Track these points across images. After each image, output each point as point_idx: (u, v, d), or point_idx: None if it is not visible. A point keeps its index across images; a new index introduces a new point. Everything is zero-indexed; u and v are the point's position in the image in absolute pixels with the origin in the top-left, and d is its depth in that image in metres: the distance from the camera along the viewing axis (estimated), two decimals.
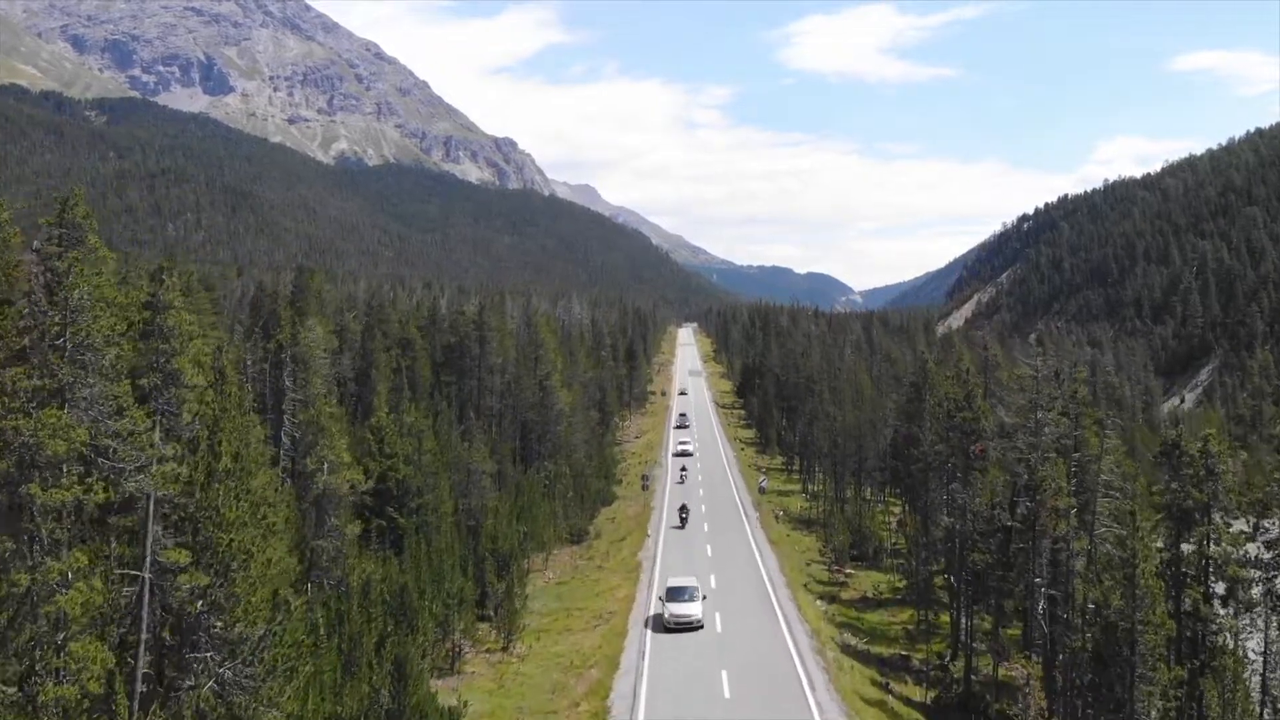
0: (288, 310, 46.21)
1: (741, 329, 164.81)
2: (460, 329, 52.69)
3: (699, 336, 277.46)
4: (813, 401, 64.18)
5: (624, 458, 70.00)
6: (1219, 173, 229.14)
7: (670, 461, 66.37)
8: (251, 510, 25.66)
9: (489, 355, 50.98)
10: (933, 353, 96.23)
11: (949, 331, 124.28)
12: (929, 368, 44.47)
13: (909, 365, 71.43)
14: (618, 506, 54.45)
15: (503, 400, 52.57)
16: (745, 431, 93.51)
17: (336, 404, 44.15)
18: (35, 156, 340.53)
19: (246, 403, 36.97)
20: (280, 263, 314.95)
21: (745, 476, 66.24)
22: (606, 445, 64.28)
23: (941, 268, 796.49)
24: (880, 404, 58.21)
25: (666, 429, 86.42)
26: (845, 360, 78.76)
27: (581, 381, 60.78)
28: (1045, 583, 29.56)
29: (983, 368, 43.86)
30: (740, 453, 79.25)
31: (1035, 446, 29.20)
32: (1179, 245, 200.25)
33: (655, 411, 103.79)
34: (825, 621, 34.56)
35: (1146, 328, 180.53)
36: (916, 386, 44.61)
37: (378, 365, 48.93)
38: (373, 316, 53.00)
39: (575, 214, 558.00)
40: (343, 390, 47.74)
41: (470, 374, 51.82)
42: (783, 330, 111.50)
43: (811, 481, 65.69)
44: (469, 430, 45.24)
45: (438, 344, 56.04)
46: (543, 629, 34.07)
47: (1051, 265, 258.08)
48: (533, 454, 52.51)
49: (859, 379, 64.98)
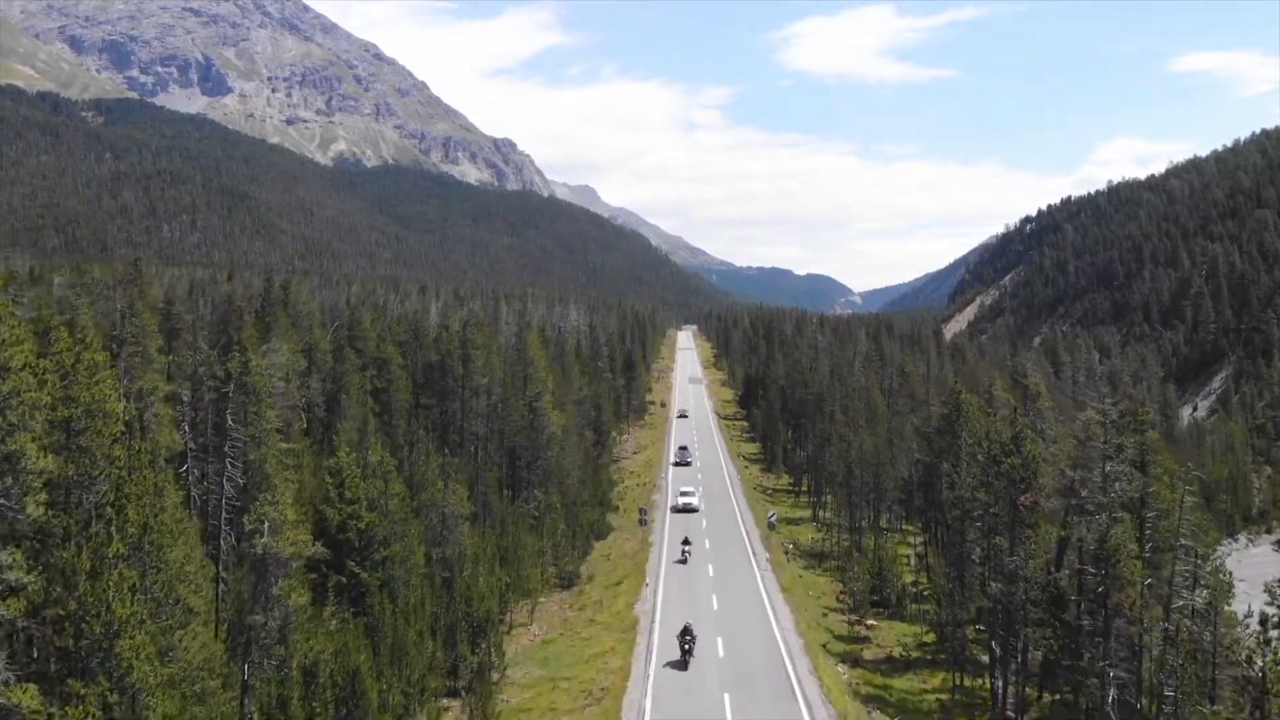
0: (252, 328, 41.53)
1: (743, 335, 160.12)
2: (443, 346, 47.74)
3: (699, 340, 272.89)
4: (823, 421, 59.44)
5: (621, 477, 65.62)
6: (1225, 174, 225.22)
7: (669, 510, 56.55)
8: (162, 594, 21.15)
9: (473, 375, 45.98)
10: (944, 362, 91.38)
11: (960, 340, 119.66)
12: (962, 398, 39.71)
13: (924, 381, 66.47)
14: (614, 540, 49.75)
15: (488, 424, 47.69)
16: (748, 446, 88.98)
17: (302, 433, 39.57)
18: (31, 158, 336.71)
19: (186, 443, 32.66)
20: (275, 264, 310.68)
21: (751, 502, 61.42)
22: (602, 468, 59.62)
23: (942, 268, 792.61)
24: (898, 427, 53.32)
25: (666, 447, 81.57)
26: (855, 373, 73.80)
27: (575, 399, 56.04)
28: (1117, 666, 25.00)
29: (1023, 398, 39.27)
30: (744, 470, 74.55)
31: (1104, 507, 24.65)
32: (1187, 248, 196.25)
33: (654, 424, 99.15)
34: (851, 698, 29.93)
35: (1155, 333, 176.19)
36: (948, 418, 39.83)
37: (349, 389, 44.06)
38: (344, 333, 47.89)
39: (574, 215, 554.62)
40: (310, 416, 43.06)
41: (453, 396, 47.09)
42: (787, 339, 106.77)
43: (822, 506, 60.88)
44: (449, 460, 40.68)
45: (419, 362, 51.42)
46: (523, 708, 29.46)
47: (1056, 268, 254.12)
48: (521, 482, 47.80)
49: (872, 396, 60.10)
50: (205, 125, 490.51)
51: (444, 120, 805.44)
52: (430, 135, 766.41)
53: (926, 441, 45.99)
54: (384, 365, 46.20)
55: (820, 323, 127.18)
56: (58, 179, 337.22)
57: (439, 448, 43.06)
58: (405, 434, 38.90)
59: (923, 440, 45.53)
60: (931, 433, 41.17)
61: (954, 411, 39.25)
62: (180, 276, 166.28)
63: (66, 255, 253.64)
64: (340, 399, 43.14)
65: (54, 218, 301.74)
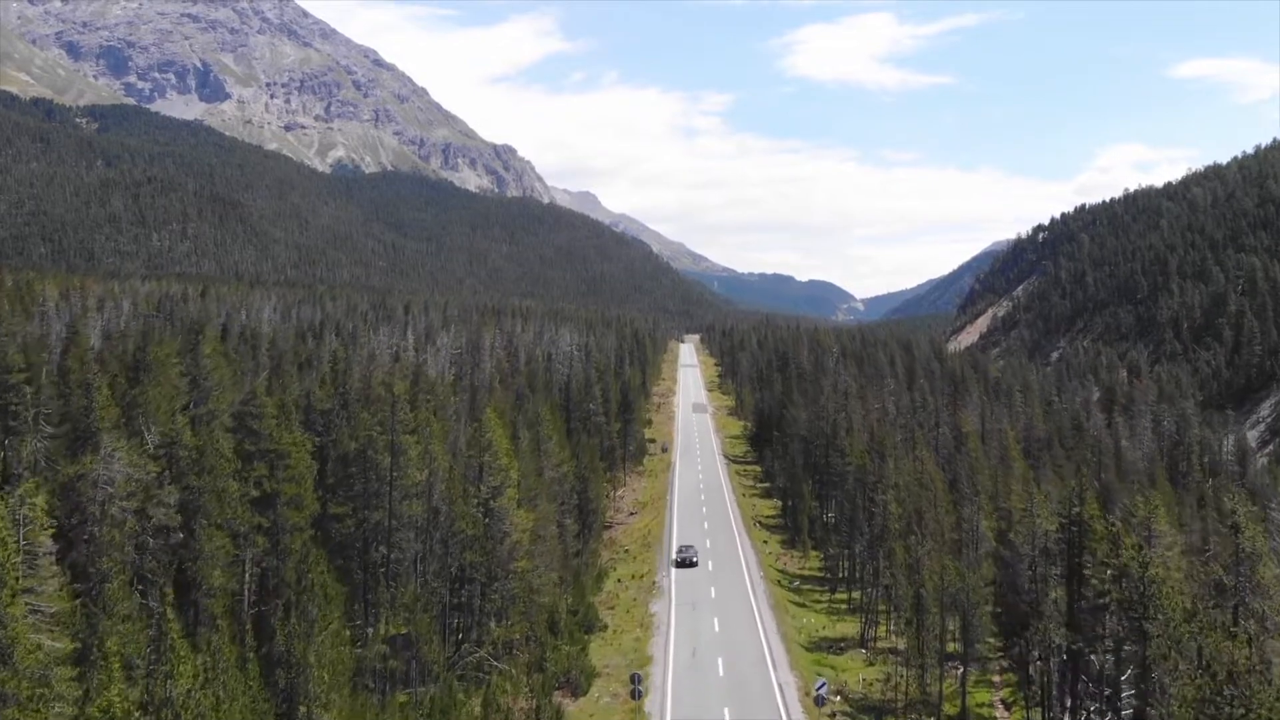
0: (109, 404, 30.20)
1: (751, 357, 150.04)
2: (362, 432, 34.79)
3: (701, 355, 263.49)
4: (863, 498, 47.26)
5: (613, 562, 54.21)
6: (1251, 182, 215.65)
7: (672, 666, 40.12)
8: None
9: (405, 471, 34.23)
10: (990, 401, 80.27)
11: (1006, 378, 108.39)
12: (1091, 525, 28.20)
13: (984, 460, 53.17)
14: (597, 698, 35.26)
15: (427, 537, 35.59)
16: (764, 504, 76.69)
17: (127, 587, 25.25)
18: (20, 165, 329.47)
19: None
20: (266, 274, 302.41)
21: (777, 610, 46.88)
22: (587, 578, 45.99)
23: (946, 274, 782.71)
24: (969, 528, 41.28)
25: (667, 515, 68.20)
26: (894, 434, 60.22)
27: (555, 475, 44.75)
28: None
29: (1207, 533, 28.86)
30: (762, 548, 61.19)
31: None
32: (1218, 260, 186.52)
33: (654, 470, 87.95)
34: None
35: (1188, 351, 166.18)
36: (1070, 544, 28.62)
37: (207, 510, 28.31)
38: (236, 408, 33.18)
39: (574, 222, 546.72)
40: (162, 544, 27.73)
41: (377, 501, 33.93)
42: (805, 373, 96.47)
43: (871, 621, 45.26)
44: (369, 602, 29.62)
45: (333, 453, 37.19)
46: None
47: (1073, 279, 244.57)
48: (472, 615, 35.29)
49: (927, 472, 47.49)
50: (200, 131, 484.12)
51: (444, 126, 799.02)
52: (430, 141, 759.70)
53: (1032, 577, 32.00)
54: (278, 460, 31.01)
55: (841, 357, 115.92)
56: (45, 186, 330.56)
57: (361, 569, 31.87)
58: (297, 565, 27.56)
59: (1023, 567, 32.46)
60: (1031, 553, 30.50)
61: (1074, 539, 28.46)
62: (154, 291, 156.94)
63: (53, 264, 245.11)
64: (198, 524, 27.97)
65: (41, 226, 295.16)
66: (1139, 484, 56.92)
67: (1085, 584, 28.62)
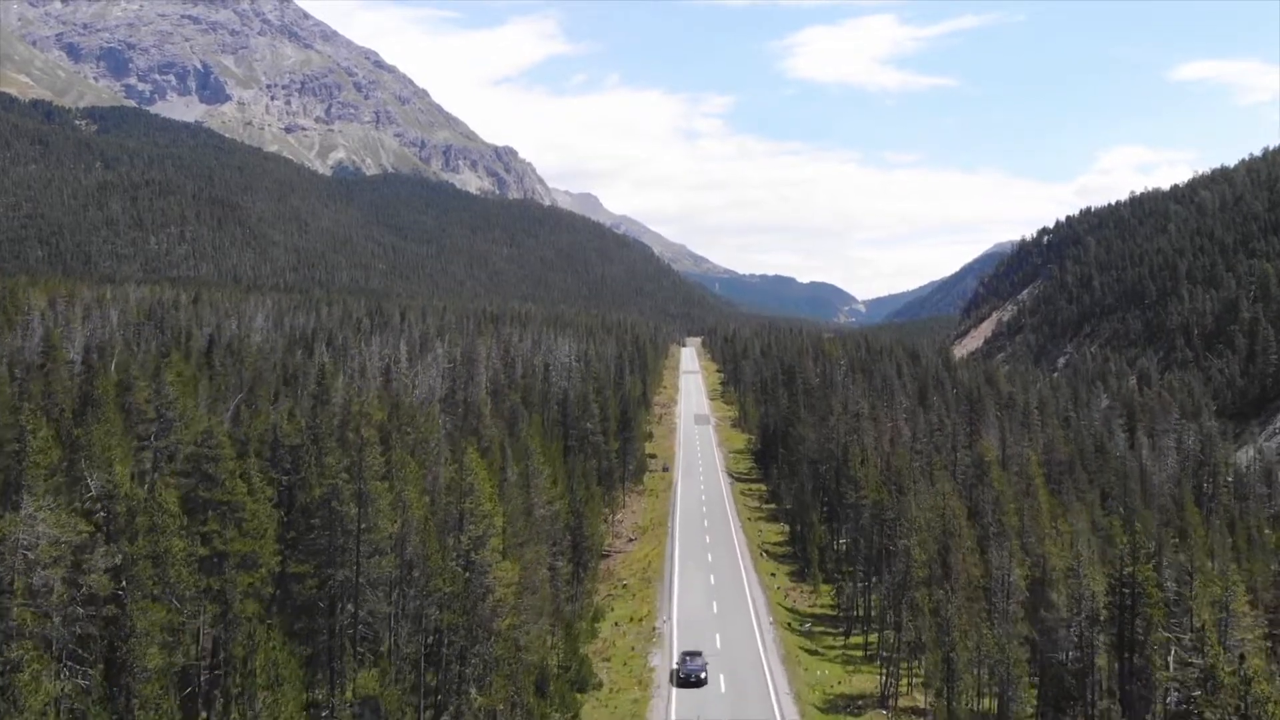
0: (47, 447, 26.38)
1: (754, 366, 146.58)
2: (327, 480, 30.22)
3: (703, 359, 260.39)
4: (880, 538, 43.66)
5: (610, 598, 50.94)
6: (1260, 185, 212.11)
7: None
8: None
9: (373, 521, 29.75)
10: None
11: (1019, 390, 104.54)
12: (1146, 589, 24.99)
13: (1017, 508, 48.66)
14: None
15: (400, 595, 31.67)
16: (770, 528, 72.70)
17: (42, 676, 21.28)
18: (18, 167, 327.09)
19: None
20: (265, 277, 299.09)
21: (788, 668, 42.74)
22: (580, 626, 42.54)
23: (947, 276, 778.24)
24: (1000, 575, 37.36)
25: (669, 548, 63.76)
26: (910, 459, 56.53)
27: (546, 514, 41.15)
28: None
29: None
30: (769, 581, 57.20)
31: None
32: (1229, 265, 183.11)
33: (655, 489, 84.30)
34: None
35: (1199, 358, 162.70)
36: (1121, 609, 25.15)
37: (140, 580, 23.60)
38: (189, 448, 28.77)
39: (575, 225, 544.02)
40: (93, 615, 23.36)
41: (343, 557, 29.66)
42: (813, 390, 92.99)
43: (894, 674, 40.26)
44: (334, 670, 26.20)
45: (301, 498, 33.30)
46: None
47: (1079, 284, 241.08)
48: (450, 683, 30.92)
49: (950, 509, 43.38)
50: (200, 133, 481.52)
51: (445, 128, 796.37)
52: (431, 143, 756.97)
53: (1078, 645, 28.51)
54: (231, 512, 27.37)
55: (850, 370, 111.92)
56: (43, 189, 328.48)
57: (327, 633, 28.05)
58: (245, 639, 24.13)
59: (1051, 614, 29.27)
60: (1082, 621, 27.25)
61: (1125, 592, 25.33)
62: (146, 297, 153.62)
63: (50, 268, 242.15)
64: (129, 596, 23.11)
65: (38, 229, 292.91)
66: (1167, 513, 53.63)
67: (1139, 652, 25.39)
